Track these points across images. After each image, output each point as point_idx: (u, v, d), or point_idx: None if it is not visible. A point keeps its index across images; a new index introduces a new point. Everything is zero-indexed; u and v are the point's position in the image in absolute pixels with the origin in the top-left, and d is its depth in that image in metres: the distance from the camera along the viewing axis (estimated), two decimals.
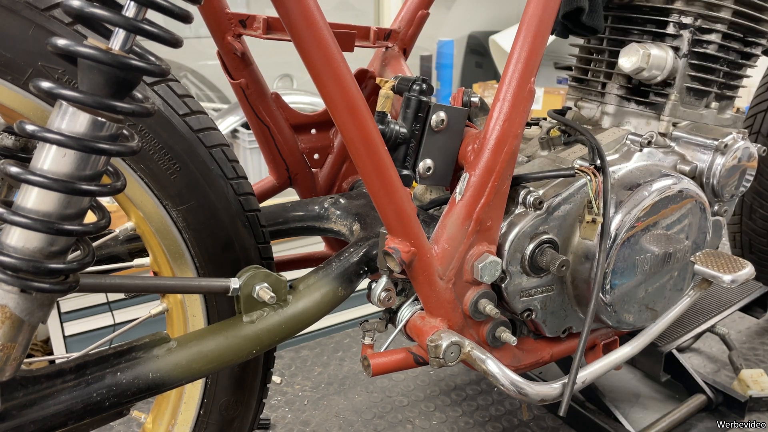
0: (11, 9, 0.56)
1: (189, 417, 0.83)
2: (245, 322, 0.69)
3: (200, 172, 0.70)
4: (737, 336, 1.69)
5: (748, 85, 1.10)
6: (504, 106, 0.78)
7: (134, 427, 1.30)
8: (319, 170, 1.07)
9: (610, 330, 1.03)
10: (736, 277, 0.90)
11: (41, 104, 0.60)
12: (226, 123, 2.50)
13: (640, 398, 1.40)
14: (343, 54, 0.66)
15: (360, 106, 0.67)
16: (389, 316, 0.88)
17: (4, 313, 0.50)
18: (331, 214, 0.94)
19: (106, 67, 0.47)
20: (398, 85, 0.83)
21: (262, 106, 0.94)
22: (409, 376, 1.49)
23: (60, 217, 0.50)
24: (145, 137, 0.66)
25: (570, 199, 0.87)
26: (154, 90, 0.67)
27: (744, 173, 1.04)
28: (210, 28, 0.85)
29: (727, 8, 0.97)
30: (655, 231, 0.90)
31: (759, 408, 1.35)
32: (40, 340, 1.74)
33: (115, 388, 0.61)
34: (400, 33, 1.04)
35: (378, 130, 0.70)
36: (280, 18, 0.61)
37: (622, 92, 1.04)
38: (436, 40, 3.87)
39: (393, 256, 0.76)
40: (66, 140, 0.47)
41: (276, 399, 1.41)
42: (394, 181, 0.73)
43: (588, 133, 0.88)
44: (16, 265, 0.49)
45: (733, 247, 1.73)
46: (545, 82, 3.82)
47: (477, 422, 1.33)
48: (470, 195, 0.78)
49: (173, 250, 0.72)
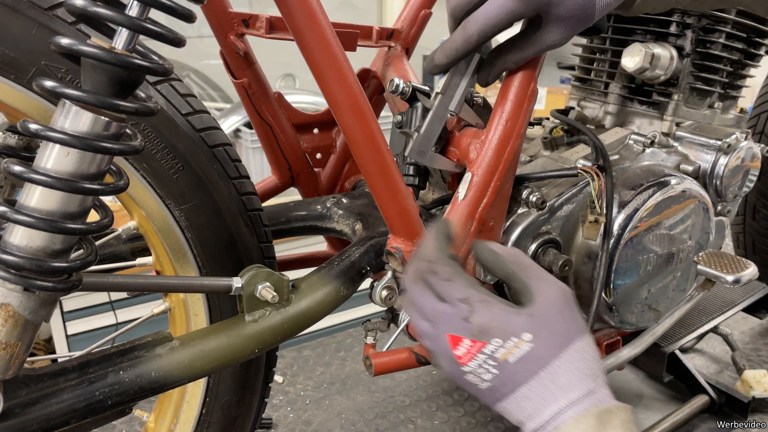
0: (14, 8, 0.56)
1: (191, 416, 0.83)
2: (247, 321, 0.69)
3: (203, 172, 0.71)
4: (740, 337, 1.69)
5: (751, 85, 1.10)
6: (507, 106, 0.78)
7: (136, 426, 1.30)
8: (322, 170, 1.07)
9: (612, 330, 1.03)
10: (739, 277, 0.89)
11: (44, 103, 0.60)
12: (228, 122, 2.51)
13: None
14: (346, 53, 0.65)
15: (363, 106, 0.67)
16: (391, 316, 0.88)
17: (7, 311, 0.50)
18: (334, 214, 0.94)
19: (110, 67, 0.47)
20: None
21: (264, 106, 0.94)
22: (411, 376, 1.49)
23: (63, 216, 0.50)
24: (147, 136, 0.66)
25: (573, 199, 0.87)
26: (157, 89, 0.67)
27: (747, 173, 1.03)
28: (213, 27, 0.85)
29: (731, 8, 0.96)
30: (658, 231, 0.90)
31: (762, 409, 1.34)
32: (43, 339, 1.74)
33: (117, 387, 0.61)
34: (402, 32, 1.04)
35: (380, 129, 0.70)
36: (283, 17, 0.61)
37: (625, 92, 1.04)
38: (439, 39, 3.87)
39: (395, 255, 0.76)
40: (69, 139, 0.47)
41: (278, 398, 1.41)
42: (396, 181, 0.73)
43: (591, 132, 0.88)
44: (19, 263, 0.49)
45: (736, 248, 1.72)
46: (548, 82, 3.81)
47: (479, 422, 1.33)
48: (472, 195, 0.78)
49: (176, 249, 0.72)
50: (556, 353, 0.58)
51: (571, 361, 0.58)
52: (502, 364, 0.58)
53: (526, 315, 0.59)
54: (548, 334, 0.59)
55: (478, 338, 0.59)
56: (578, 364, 0.58)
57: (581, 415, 0.54)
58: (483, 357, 0.58)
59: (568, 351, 0.58)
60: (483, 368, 0.59)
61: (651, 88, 1.02)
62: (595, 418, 0.54)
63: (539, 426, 0.57)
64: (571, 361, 0.58)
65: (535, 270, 0.64)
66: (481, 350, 0.58)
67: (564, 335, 0.59)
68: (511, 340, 0.58)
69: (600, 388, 0.57)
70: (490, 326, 0.58)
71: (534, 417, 0.57)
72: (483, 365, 0.59)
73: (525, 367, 0.58)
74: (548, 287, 0.62)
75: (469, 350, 0.59)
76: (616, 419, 0.54)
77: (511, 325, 0.58)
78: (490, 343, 0.58)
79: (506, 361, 0.58)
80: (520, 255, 0.65)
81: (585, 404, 0.56)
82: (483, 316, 0.59)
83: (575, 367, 0.58)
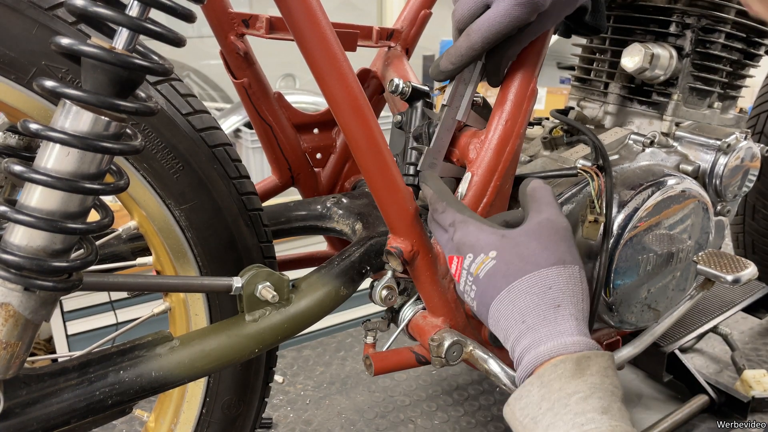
0: (15, 8, 0.56)
1: (191, 415, 0.83)
2: (248, 321, 0.69)
3: (203, 172, 0.71)
4: (740, 336, 1.69)
5: (751, 85, 1.10)
6: (506, 106, 0.78)
7: (137, 425, 1.30)
8: (322, 170, 1.07)
9: (612, 330, 1.03)
10: (738, 277, 0.89)
11: (45, 103, 0.60)
12: (228, 122, 2.51)
13: (642, 398, 1.40)
14: (346, 53, 0.66)
15: (363, 106, 0.67)
16: (391, 316, 0.88)
17: (7, 311, 0.50)
18: (334, 214, 0.94)
19: (110, 66, 0.48)
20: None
21: (264, 106, 0.94)
22: (411, 376, 1.49)
23: (63, 215, 0.50)
24: (148, 136, 0.66)
25: (572, 199, 0.87)
26: (158, 89, 0.67)
27: (747, 173, 1.03)
28: (213, 27, 0.85)
29: (731, 8, 0.97)
30: (657, 231, 0.90)
31: (761, 408, 1.34)
32: (43, 339, 1.74)
33: (117, 387, 0.61)
34: (402, 33, 1.04)
35: (380, 129, 0.70)
36: (283, 17, 0.61)
37: (624, 92, 1.04)
38: (439, 39, 3.87)
39: (395, 255, 0.76)
40: (69, 139, 0.48)
41: (278, 398, 1.41)
42: (396, 181, 0.73)
43: (590, 132, 0.88)
44: (19, 263, 0.49)
45: (736, 248, 1.72)
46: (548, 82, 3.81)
47: (479, 422, 1.33)
48: (472, 195, 0.78)
49: (176, 249, 0.73)
50: (517, 275, 0.60)
51: (531, 286, 0.60)
52: (476, 279, 0.62)
53: (499, 235, 0.63)
54: (513, 255, 0.61)
55: (456, 253, 0.65)
56: (540, 290, 0.59)
57: (560, 360, 0.56)
58: (465, 273, 0.64)
59: (531, 276, 0.60)
60: (468, 285, 0.64)
61: (651, 88, 1.02)
62: (573, 362, 0.55)
63: (512, 349, 0.61)
64: (531, 286, 0.60)
65: (541, 201, 0.67)
66: (463, 266, 0.64)
67: (530, 260, 0.61)
68: (480, 255, 0.63)
69: (563, 320, 0.59)
70: (464, 241, 0.65)
71: (506, 340, 0.61)
72: (467, 282, 0.64)
73: (492, 284, 0.61)
74: (538, 215, 0.65)
75: (457, 267, 0.65)
76: (594, 365, 0.55)
77: (481, 241, 0.63)
78: (466, 257, 0.64)
79: (477, 276, 0.62)
80: (538, 189, 0.69)
81: (543, 331, 0.58)
82: (460, 233, 0.66)
83: (536, 293, 0.59)
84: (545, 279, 0.60)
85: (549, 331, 0.58)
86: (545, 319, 0.58)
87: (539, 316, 0.58)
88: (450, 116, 0.81)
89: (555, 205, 0.67)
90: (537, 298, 0.59)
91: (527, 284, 0.60)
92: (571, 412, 0.52)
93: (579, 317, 0.60)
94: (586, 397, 0.53)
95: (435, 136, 0.81)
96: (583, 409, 0.52)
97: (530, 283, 0.60)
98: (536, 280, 0.60)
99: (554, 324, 0.58)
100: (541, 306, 0.59)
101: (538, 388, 0.55)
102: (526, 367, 0.58)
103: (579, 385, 0.53)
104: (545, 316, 0.58)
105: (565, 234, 0.64)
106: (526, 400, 0.55)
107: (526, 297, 0.59)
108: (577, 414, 0.52)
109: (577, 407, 0.52)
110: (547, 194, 0.68)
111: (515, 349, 0.60)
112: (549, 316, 0.58)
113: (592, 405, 0.52)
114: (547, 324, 0.58)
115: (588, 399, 0.53)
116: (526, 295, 0.59)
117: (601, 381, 0.54)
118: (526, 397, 0.55)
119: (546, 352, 0.57)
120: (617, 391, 0.55)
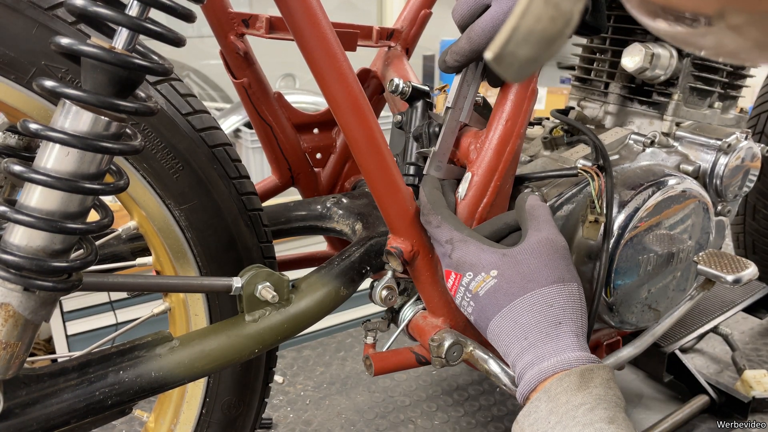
0: (15, 8, 0.56)
1: (191, 416, 0.83)
2: (247, 321, 0.69)
3: (203, 172, 0.71)
4: (740, 337, 1.69)
5: (751, 85, 1.10)
6: (507, 106, 0.78)
7: (136, 426, 1.30)
8: (322, 170, 1.07)
9: (612, 330, 1.03)
10: (739, 277, 0.89)
11: (45, 103, 0.60)
12: (228, 122, 2.50)
13: (642, 399, 1.40)
14: (346, 53, 0.66)
15: (363, 106, 0.67)
16: (391, 316, 0.88)
17: (7, 311, 0.50)
18: (334, 214, 0.94)
19: (110, 66, 0.47)
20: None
21: (264, 106, 0.94)
22: (411, 376, 1.49)
23: (63, 215, 0.50)
24: (148, 136, 0.66)
25: (572, 199, 0.87)
26: (157, 89, 0.67)
27: (747, 173, 1.03)
28: (213, 27, 0.85)
29: None
30: (658, 231, 0.90)
31: (762, 409, 1.34)
32: (43, 340, 1.74)
33: (117, 387, 0.61)
34: (402, 32, 1.04)
35: (380, 129, 0.70)
36: (283, 17, 0.61)
37: (625, 92, 1.04)
38: (439, 39, 3.87)
39: (395, 255, 0.76)
40: (69, 139, 0.48)
41: (278, 398, 1.41)
42: (396, 181, 0.73)
43: (591, 132, 0.88)
44: (19, 263, 0.49)
45: (736, 248, 1.72)
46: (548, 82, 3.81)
47: (479, 422, 1.33)
48: (473, 195, 0.78)
49: (176, 249, 0.73)
50: (519, 293, 0.62)
51: (533, 304, 0.61)
52: (475, 296, 0.64)
53: (500, 254, 0.65)
54: (514, 273, 0.63)
55: (455, 270, 0.68)
56: (541, 308, 0.61)
57: (565, 374, 0.57)
58: (463, 289, 0.66)
59: (533, 294, 0.61)
60: (465, 301, 0.66)
61: (651, 88, 1.01)
62: (577, 376, 0.56)
63: (513, 364, 0.62)
64: (533, 304, 0.61)
65: (540, 219, 0.69)
66: (461, 282, 0.66)
67: (531, 278, 0.62)
68: (480, 274, 0.64)
69: (564, 336, 0.60)
70: (464, 260, 0.67)
71: (506, 355, 0.63)
72: (464, 298, 0.66)
73: (493, 302, 0.63)
74: (537, 234, 0.66)
75: (454, 282, 0.68)
76: (597, 377, 0.57)
77: (482, 261, 0.65)
78: (465, 275, 0.66)
79: (477, 293, 0.64)
80: (537, 207, 0.71)
81: (546, 348, 0.59)
82: (459, 252, 0.67)
83: (537, 311, 0.61)
84: (546, 297, 0.61)
85: (552, 348, 0.59)
86: (548, 335, 0.59)
87: (541, 333, 0.60)
88: (454, 119, 0.81)
89: (553, 224, 0.69)
90: (539, 315, 0.60)
91: (529, 302, 0.61)
92: (579, 423, 0.53)
93: (579, 333, 0.61)
94: (593, 408, 0.54)
95: (440, 139, 0.81)
96: (590, 419, 0.53)
97: (532, 301, 0.61)
98: (538, 298, 0.61)
99: (556, 340, 0.59)
100: (542, 323, 0.60)
101: (546, 402, 0.56)
102: (530, 381, 0.59)
103: (585, 397, 0.54)
104: (547, 332, 0.60)
105: (564, 252, 0.65)
106: (534, 416, 0.56)
107: (528, 314, 0.61)
108: (585, 425, 0.53)
109: (584, 418, 0.53)
110: (546, 213, 0.70)
111: (517, 365, 0.61)
112: (551, 333, 0.60)
113: (598, 415, 0.53)
114: (549, 341, 0.59)
115: (594, 410, 0.54)
116: (528, 313, 0.61)
117: (605, 392, 0.55)
118: (535, 412, 0.56)
119: (550, 367, 0.58)
120: (620, 402, 0.56)
